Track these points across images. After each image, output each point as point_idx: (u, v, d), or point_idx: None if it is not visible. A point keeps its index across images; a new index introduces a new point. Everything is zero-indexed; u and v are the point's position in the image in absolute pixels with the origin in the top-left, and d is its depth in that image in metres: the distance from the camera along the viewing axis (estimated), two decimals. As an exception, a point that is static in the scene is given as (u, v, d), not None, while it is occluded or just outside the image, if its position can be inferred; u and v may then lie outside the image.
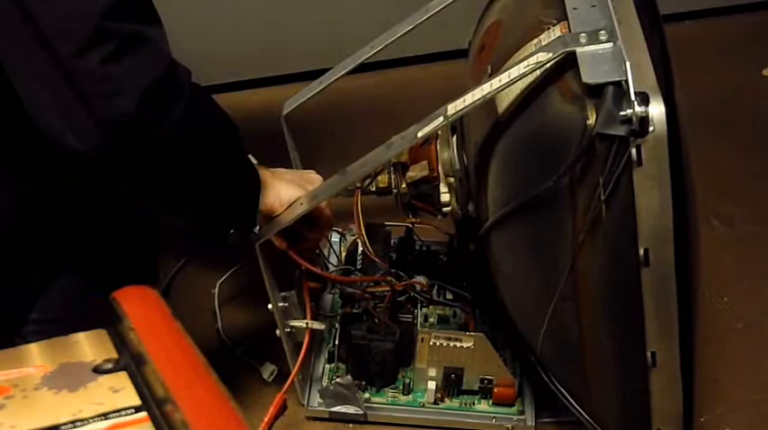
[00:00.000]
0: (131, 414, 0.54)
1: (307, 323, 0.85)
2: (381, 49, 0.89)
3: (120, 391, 0.56)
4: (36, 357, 0.59)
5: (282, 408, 0.84)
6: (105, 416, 0.54)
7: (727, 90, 1.32)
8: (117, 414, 0.54)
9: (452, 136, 0.83)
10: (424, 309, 0.93)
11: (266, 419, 0.82)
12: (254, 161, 0.78)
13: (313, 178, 0.81)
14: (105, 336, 0.61)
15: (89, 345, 0.60)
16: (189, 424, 0.54)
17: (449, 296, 0.95)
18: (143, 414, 0.54)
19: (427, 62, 1.33)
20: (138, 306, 0.64)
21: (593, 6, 0.67)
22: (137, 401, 0.55)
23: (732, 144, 1.22)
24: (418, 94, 1.24)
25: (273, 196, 0.77)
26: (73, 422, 0.53)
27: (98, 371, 0.58)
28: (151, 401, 0.55)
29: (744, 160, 1.21)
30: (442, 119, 0.68)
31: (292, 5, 1.26)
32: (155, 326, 0.63)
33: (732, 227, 1.11)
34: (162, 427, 0.54)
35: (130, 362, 0.58)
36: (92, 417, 0.54)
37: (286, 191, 0.77)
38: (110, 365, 0.58)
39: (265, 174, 0.77)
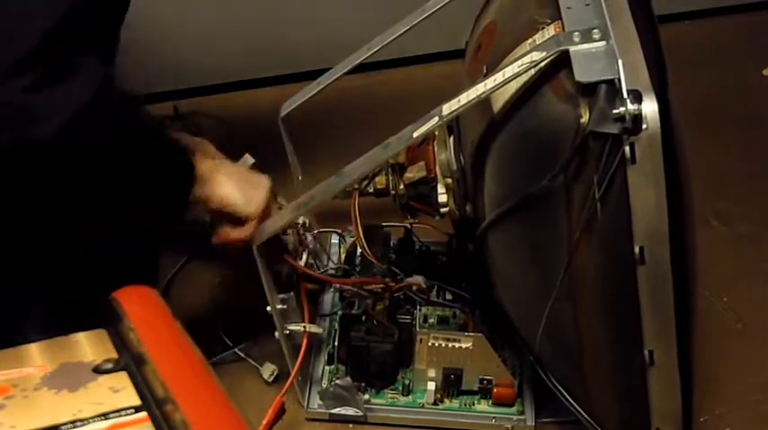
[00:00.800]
0: (131, 414, 0.55)
1: (305, 327, 0.85)
2: (379, 50, 0.89)
3: (120, 391, 0.56)
4: (36, 357, 0.59)
5: (281, 412, 0.84)
6: (105, 416, 0.54)
7: (727, 90, 1.31)
8: (117, 414, 0.54)
9: (449, 136, 0.83)
10: (424, 310, 0.93)
11: (264, 422, 0.82)
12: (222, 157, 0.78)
13: (257, 182, 0.81)
14: (105, 336, 0.61)
15: (89, 345, 0.60)
16: (189, 424, 0.54)
17: (448, 296, 0.95)
18: (143, 414, 0.55)
19: (426, 62, 1.33)
20: (138, 306, 0.64)
21: (587, 5, 0.67)
22: (137, 401, 0.56)
23: (732, 144, 1.22)
24: (417, 94, 1.24)
25: (208, 190, 0.77)
26: (73, 422, 0.53)
27: (98, 371, 0.58)
28: (151, 401, 0.56)
29: (743, 160, 1.20)
30: (437, 119, 0.69)
31: (292, 6, 1.26)
32: (155, 327, 0.63)
33: (731, 226, 1.11)
34: (162, 427, 0.54)
35: (130, 362, 0.59)
36: (92, 417, 0.54)
37: (223, 188, 0.77)
38: (110, 365, 0.59)
39: (204, 167, 0.77)
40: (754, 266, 1.07)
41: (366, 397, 0.89)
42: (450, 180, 0.83)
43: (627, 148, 0.61)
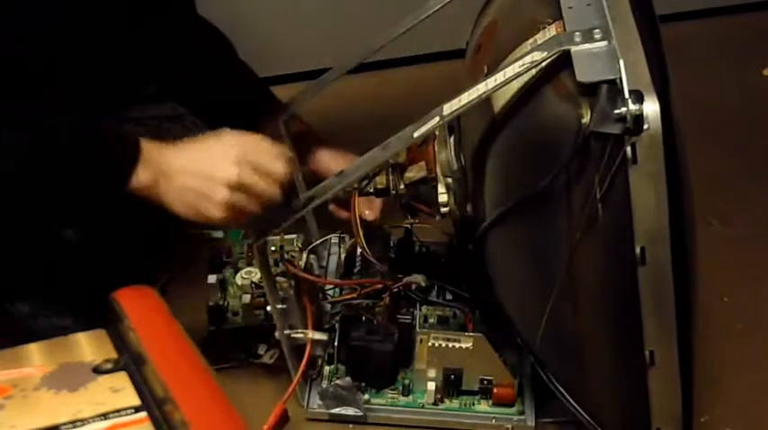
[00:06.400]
0: (131, 414, 0.55)
1: (309, 333, 0.85)
2: (381, 49, 0.89)
3: (119, 391, 0.56)
4: (36, 357, 0.59)
5: (284, 418, 0.83)
6: (105, 416, 0.54)
7: (727, 90, 1.32)
8: (117, 414, 0.55)
9: (450, 136, 0.83)
10: (424, 310, 0.93)
11: (265, 428, 0.82)
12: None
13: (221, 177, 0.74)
14: (105, 336, 0.61)
15: (89, 345, 0.61)
16: (189, 424, 0.54)
17: (448, 297, 0.95)
18: (143, 414, 0.55)
19: (427, 62, 1.33)
20: (138, 306, 0.64)
21: (589, 5, 0.67)
22: (136, 401, 0.56)
23: (732, 144, 1.22)
24: (418, 94, 1.24)
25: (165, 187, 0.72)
26: (73, 422, 0.54)
27: (98, 371, 0.58)
28: (151, 401, 0.56)
29: (744, 160, 1.21)
30: (437, 119, 0.69)
31: (293, 5, 1.26)
32: (155, 327, 0.63)
33: (732, 227, 1.11)
34: (162, 427, 0.54)
35: (130, 362, 0.59)
36: (92, 417, 0.54)
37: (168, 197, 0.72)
38: (110, 365, 0.59)
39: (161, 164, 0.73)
40: (754, 266, 1.07)
41: (366, 397, 0.89)
42: (450, 180, 0.83)
43: (628, 149, 0.61)
